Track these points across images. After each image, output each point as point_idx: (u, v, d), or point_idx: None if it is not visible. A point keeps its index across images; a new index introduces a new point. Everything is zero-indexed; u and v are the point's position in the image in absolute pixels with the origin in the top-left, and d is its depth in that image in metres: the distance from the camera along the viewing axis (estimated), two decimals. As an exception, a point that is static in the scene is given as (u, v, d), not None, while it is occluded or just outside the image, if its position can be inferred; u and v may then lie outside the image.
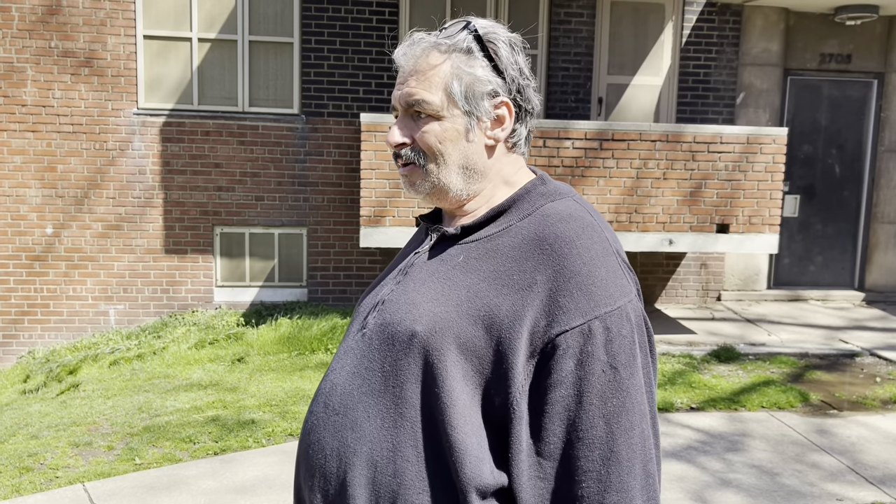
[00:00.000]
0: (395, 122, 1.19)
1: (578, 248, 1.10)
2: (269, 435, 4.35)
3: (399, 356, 1.11)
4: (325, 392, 1.18)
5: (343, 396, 1.14)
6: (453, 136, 1.16)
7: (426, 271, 1.18)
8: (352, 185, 7.28)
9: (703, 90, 7.73)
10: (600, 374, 1.04)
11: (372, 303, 1.22)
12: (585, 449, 1.03)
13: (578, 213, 1.15)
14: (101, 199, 7.10)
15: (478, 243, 1.16)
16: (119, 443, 4.29)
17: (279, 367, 5.66)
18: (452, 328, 1.09)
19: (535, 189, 1.20)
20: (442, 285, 1.14)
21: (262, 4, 7.18)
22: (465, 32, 1.16)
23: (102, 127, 7.04)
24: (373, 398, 1.12)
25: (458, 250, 1.17)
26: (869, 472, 3.98)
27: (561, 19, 7.45)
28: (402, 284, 1.18)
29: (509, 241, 1.14)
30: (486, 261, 1.13)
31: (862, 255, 8.23)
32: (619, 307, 1.07)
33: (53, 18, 6.88)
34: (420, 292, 1.15)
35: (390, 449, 1.09)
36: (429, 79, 1.15)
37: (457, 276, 1.14)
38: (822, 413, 4.88)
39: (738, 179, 6.37)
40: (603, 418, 1.04)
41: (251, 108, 7.25)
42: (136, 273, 7.21)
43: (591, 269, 1.08)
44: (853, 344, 6.43)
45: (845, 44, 7.89)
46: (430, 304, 1.12)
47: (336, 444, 1.13)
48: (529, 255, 1.10)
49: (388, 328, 1.13)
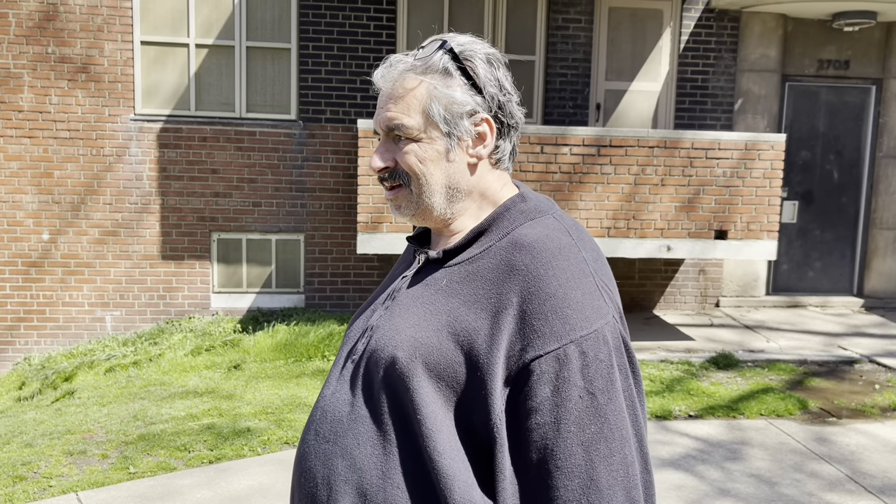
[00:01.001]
0: (377, 147, 1.19)
1: (554, 269, 1.08)
2: (264, 443, 4.32)
3: (383, 382, 1.10)
4: (316, 420, 1.18)
5: (332, 424, 1.14)
6: (434, 157, 1.16)
7: (411, 296, 1.17)
8: (349, 191, 7.27)
9: (701, 96, 7.72)
10: (577, 400, 1.02)
11: (361, 328, 1.22)
12: (564, 478, 1.02)
13: (555, 234, 1.14)
14: (97, 205, 7.08)
15: (460, 266, 1.16)
16: (113, 451, 4.26)
17: (276, 374, 5.64)
18: (433, 353, 1.08)
19: (514, 207, 1.18)
20: (424, 310, 1.13)
21: (260, 10, 7.17)
22: (440, 52, 1.15)
23: (99, 133, 7.02)
24: (362, 425, 1.11)
25: (442, 274, 1.17)
26: (868, 482, 3.96)
27: (559, 25, 7.45)
28: (389, 310, 1.19)
29: (488, 262, 1.13)
30: (466, 284, 1.13)
31: (861, 262, 8.21)
32: (596, 330, 1.05)
33: (50, 24, 6.87)
34: (404, 318, 1.14)
35: (380, 476, 1.08)
36: (406, 102, 1.15)
37: (439, 300, 1.13)
38: (821, 421, 4.86)
39: (736, 186, 6.36)
40: (581, 446, 1.02)
41: (248, 114, 7.23)
42: (132, 279, 7.18)
43: (567, 291, 1.06)
44: (852, 351, 6.41)
45: (843, 50, 7.89)
46: (412, 329, 1.12)
47: (326, 473, 1.12)
48: (505, 276, 1.09)
49: (373, 354, 1.14)
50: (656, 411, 4.87)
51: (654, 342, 6.56)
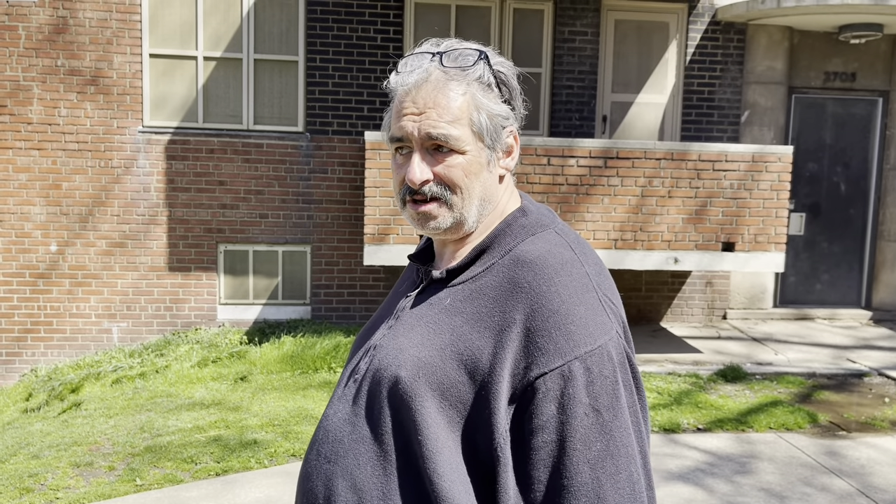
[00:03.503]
0: (415, 158, 1.12)
1: (556, 285, 1.07)
2: (271, 455, 4.30)
3: (386, 402, 1.09)
4: (319, 439, 1.17)
5: (334, 444, 1.13)
6: (477, 170, 1.14)
7: (415, 315, 1.16)
8: (356, 202, 7.28)
9: (707, 108, 7.73)
10: (583, 417, 1.01)
11: (364, 346, 1.21)
12: (571, 497, 1.00)
13: (557, 249, 1.12)
14: (105, 216, 7.10)
15: (464, 285, 1.14)
16: (120, 463, 4.25)
17: (282, 385, 5.63)
18: (436, 373, 1.07)
19: (514, 222, 1.17)
20: (428, 329, 1.12)
21: (268, 23, 7.22)
22: (481, 64, 1.13)
23: (108, 145, 7.05)
24: (363, 445, 1.10)
25: (445, 293, 1.15)
26: (879, 496, 3.92)
27: (565, 38, 7.47)
28: (392, 329, 1.17)
29: (491, 280, 1.12)
30: (469, 302, 1.12)
31: (868, 274, 8.18)
32: (600, 346, 1.04)
33: (60, 37, 6.92)
34: (408, 337, 1.13)
35: (380, 498, 1.07)
36: (452, 112, 1.11)
37: (443, 319, 1.12)
38: (831, 434, 4.82)
39: (743, 198, 6.35)
40: (588, 464, 1.01)
41: (256, 126, 7.26)
42: (139, 291, 7.19)
43: (570, 307, 1.05)
44: (861, 363, 6.37)
45: (850, 62, 7.89)
46: (415, 348, 1.10)
47: (327, 493, 1.11)
48: (507, 294, 1.08)
49: (376, 374, 1.12)
50: (664, 424, 4.84)
51: (661, 354, 6.53)
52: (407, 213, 1.17)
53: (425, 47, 1.16)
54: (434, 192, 1.13)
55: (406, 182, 1.13)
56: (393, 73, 1.16)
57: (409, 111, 1.11)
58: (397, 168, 1.16)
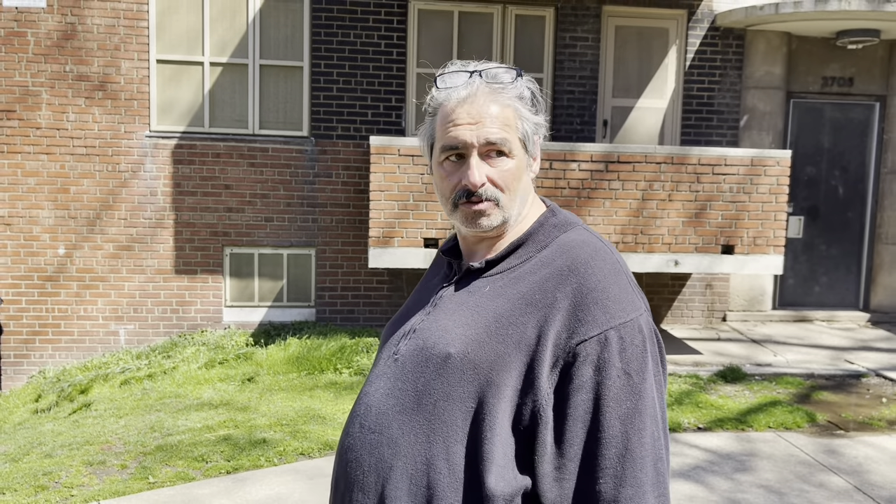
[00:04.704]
0: (474, 163, 1.23)
1: (593, 268, 1.21)
2: (280, 454, 4.39)
3: (432, 376, 1.21)
4: (361, 413, 1.28)
5: (378, 416, 1.24)
6: (520, 174, 1.29)
7: (455, 302, 1.28)
8: (360, 206, 7.37)
9: (706, 113, 7.83)
10: (616, 378, 1.14)
11: (403, 332, 1.32)
12: (603, 448, 1.13)
13: (591, 240, 1.27)
14: (112, 220, 7.19)
15: (502, 275, 1.27)
16: (132, 462, 4.33)
17: (289, 386, 5.71)
18: (483, 348, 1.19)
19: (547, 221, 1.32)
20: (471, 312, 1.24)
21: (273, 29, 7.32)
22: (521, 80, 1.28)
23: (115, 149, 7.15)
24: (406, 416, 1.21)
25: (483, 282, 1.28)
26: (876, 493, 4.01)
27: (566, 43, 7.58)
28: (431, 315, 1.29)
29: (531, 269, 1.25)
30: (511, 287, 1.24)
31: (866, 276, 8.27)
32: (632, 319, 1.18)
33: (68, 43, 7.02)
34: (452, 319, 1.25)
35: (424, 462, 1.18)
36: (503, 120, 1.24)
37: (485, 303, 1.24)
38: (829, 433, 4.91)
39: (742, 201, 6.44)
40: (618, 419, 1.13)
41: (261, 131, 7.36)
42: (146, 293, 7.28)
43: (606, 286, 1.19)
44: (859, 364, 6.46)
45: (847, 67, 7.99)
46: (462, 328, 1.23)
47: (373, 461, 1.22)
48: (551, 279, 1.22)
49: (422, 352, 1.24)
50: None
51: (662, 356, 6.61)
52: (460, 213, 1.27)
53: (458, 66, 1.28)
54: (489, 193, 1.25)
55: (463, 186, 1.24)
56: (434, 90, 1.28)
57: (465, 121, 1.23)
58: (447, 175, 1.27)
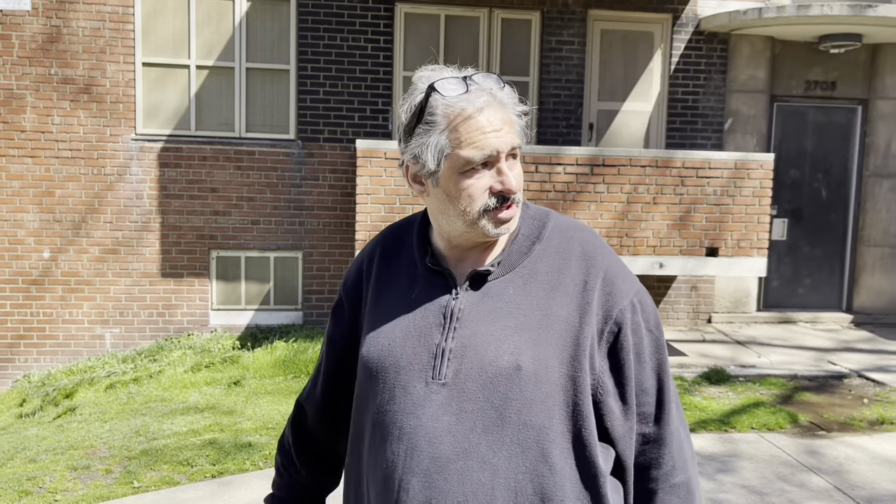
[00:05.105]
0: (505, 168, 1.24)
1: (602, 249, 1.32)
2: (266, 458, 4.39)
3: (508, 389, 1.20)
4: (421, 448, 1.21)
5: (456, 442, 1.20)
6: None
7: (484, 310, 1.26)
8: (347, 209, 7.38)
9: (691, 116, 7.89)
10: (646, 336, 1.29)
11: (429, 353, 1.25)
12: (646, 397, 1.29)
13: (578, 224, 1.36)
14: (98, 223, 7.17)
15: (512, 273, 1.29)
16: (117, 466, 4.33)
17: (275, 390, 5.71)
18: (546, 348, 1.23)
19: (525, 214, 1.34)
20: (512, 317, 1.25)
21: (260, 32, 7.32)
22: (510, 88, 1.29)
23: (101, 153, 7.13)
24: (492, 434, 1.20)
25: (500, 284, 1.28)
26: (856, 493, 4.06)
27: (552, 47, 7.62)
28: (462, 329, 1.25)
29: (541, 262, 1.29)
30: (532, 283, 1.27)
31: (849, 278, 8.36)
32: (640, 286, 1.33)
33: (53, 46, 6.99)
34: (496, 329, 1.24)
35: (525, 472, 1.19)
36: (516, 126, 1.27)
37: (518, 304, 1.26)
38: (811, 434, 4.96)
39: (726, 204, 6.50)
40: (653, 370, 1.30)
41: (248, 134, 7.36)
42: (132, 297, 7.26)
43: (615, 262, 1.32)
44: (841, 366, 6.53)
45: (830, 71, 8.08)
46: (516, 335, 1.23)
47: (468, 489, 1.18)
48: (569, 263, 1.29)
49: (483, 369, 1.21)
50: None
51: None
52: (490, 218, 1.24)
53: (449, 73, 1.26)
54: (515, 196, 1.27)
55: (499, 192, 1.24)
56: (438, 97, 1.22)
57: (491, 128, 1.22)
58: (472, 183, 1.23)
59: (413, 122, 1.25)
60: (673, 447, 1.32)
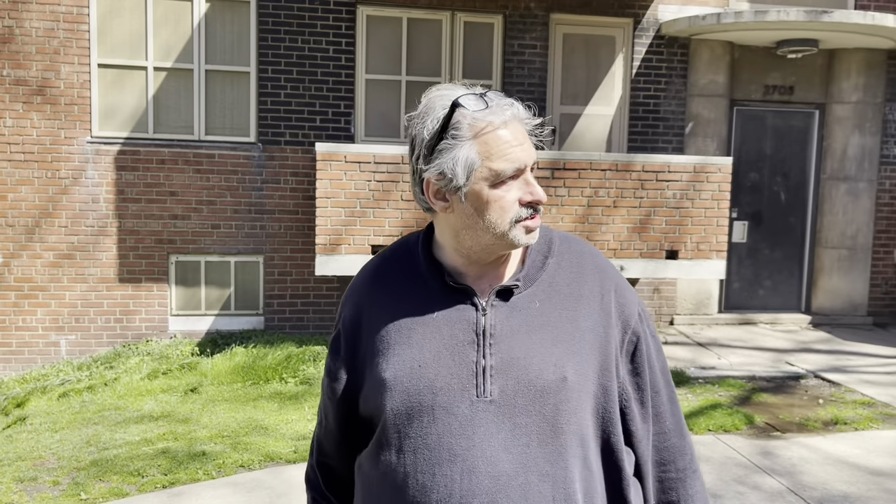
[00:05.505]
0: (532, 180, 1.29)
1: (607, 261, 1.41)
2: (219, 467, 4.32)
3: (557, 401, 1.24)
4: (479, 468, 1.21)
5: (516, 458, 1.22)
6: None
7: (514, 325, 1.28)
8: (309, 212, 7.31)
9: (653, 120, 7.95)
10: (651, 341, 1.39)
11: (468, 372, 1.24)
12: (659, 397, 1.39)
13: (577, 238, 1.44)
14: (52, 227, 7.01)
15: (534, 286, 1.32)
16: (65, 478, 4.22)
17: (233, 397, 5.63)
18: (582, 358, 1.28)
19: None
20: (546, 331, 1.29)
21: (219, 34, 7.22)
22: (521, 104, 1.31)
23: (55, 156, 6.98)
24: (548, 446, 1.23)
25: (525, 298, 1.31)
26: (808, 493, 4.10)
27: (515, 51, 7.63)
28: (497, 346, 1.26)
29: (557, 274, 1.34)
30: (556, 297, 1.32)
31: (808, 279, 8.49)
32: (638, 296, 1.41)
33: (6, 47, 6.83)
34: (534, 342, 1.27)
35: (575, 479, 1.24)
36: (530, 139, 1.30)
37: (548, 317, 1.30)
38: (767, 435, 5.01)
39: (686, 207, 6.56)
40: (660, 373, 1.40)
41: (207, 137, 7.25)
42: (88, 303, 7.11)
43: (619, 274, 1.41)
44: (798, 366, 6.62)
45: (788, 76, 8.20)
46: (556, 347, 1.27)
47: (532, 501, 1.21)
48: (585, 277, 1.35)
49: (532, 384, 1.24)
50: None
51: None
52: (519, 229, 1.27)
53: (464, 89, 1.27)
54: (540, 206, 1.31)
55: (529, 202, 1.27)
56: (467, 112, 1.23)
57: (517, 142, 1.26)
58: (504, 194, 1.25)
59: (436, 139, 1.24)
60: (687, 438, 1.43)
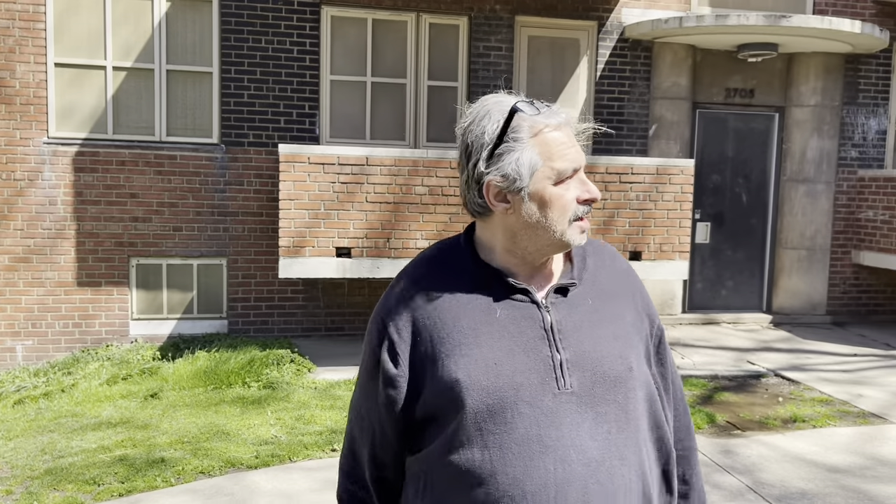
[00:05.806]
0: (586, 179, 1.35)
1: (624, 258, 1.54)
2: (178, 473, 4.24)
3: (628, 389, 1.36)
4: (571, 457, 1.29)
5: (600, 446, 1.31)
6: None
7: (576, 321, 1.37)
8: (273, 214, 7.23)
9: (617, 122, 8.02)
10: (664, 338, 1.52)
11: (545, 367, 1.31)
12: (674, 387, 1.52)
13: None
14: (7, 230, 6.84)
15: (582, 284, 1.42)
16: (18, 487, 4.11)
17: (194, 402, 5.54)
18: (635, 350, 1.40)
19: None
20: (605, 325, 1.38)
21: (181, 34, 7.11)
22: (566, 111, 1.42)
23: (10, 157, 6.81)
24: (625, 432, 1.34)
25: (578, 295, 1.40)
26: (767, 491, 4.16)
27: (480, 52, 7.64)
28: (567, 340, 1.35)
29: (599, 272, 1.44)
30: (603, 295, 1.42)
31: (769, 280, 8.63)
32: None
33: (-42, 45, 6.65)
34: (599, 336, 1.37)
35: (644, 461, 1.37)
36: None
37: (603, 313, 1.40)
38: (727, 434, 5.08)
39: (649, 209, 6.62)
40: (672, 365, 1.53)
41: (169, 138, 7.14)
42: (45, 307, 6.95)
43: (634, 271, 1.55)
44: (760, 365, 6.72)
45: (748, 79, 8.33)
46: (617, 342, 1.38)
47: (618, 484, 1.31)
48: (619, 275, 1.47)
49: (606, 375, 1.34)
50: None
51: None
52: (575, 228, 1.34)
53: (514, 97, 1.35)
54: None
55: (585, 200, 1.34)
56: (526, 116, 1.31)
57: (572, 143, 1.34)
58: (564, 193, 1.32)
59: (496, 143, 1.31)
60: (691, 419, 1.58)
